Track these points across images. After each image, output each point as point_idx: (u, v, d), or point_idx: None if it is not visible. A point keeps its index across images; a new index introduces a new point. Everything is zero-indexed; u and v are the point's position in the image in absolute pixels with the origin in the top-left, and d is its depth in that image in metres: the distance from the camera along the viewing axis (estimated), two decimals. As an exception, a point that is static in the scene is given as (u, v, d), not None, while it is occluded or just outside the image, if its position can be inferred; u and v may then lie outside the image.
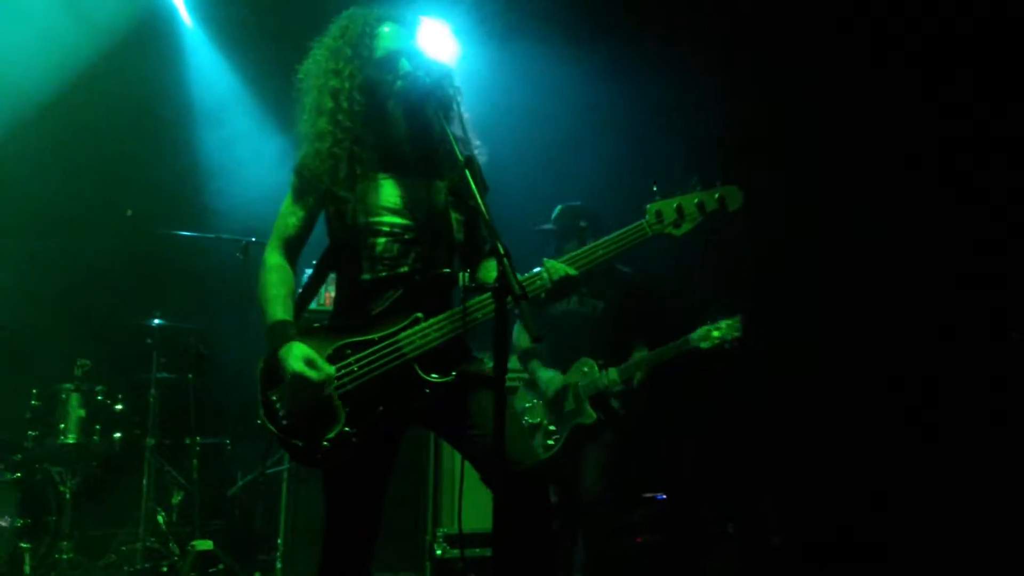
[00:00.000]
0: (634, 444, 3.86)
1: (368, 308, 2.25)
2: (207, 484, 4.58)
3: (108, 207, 4.77)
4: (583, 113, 5.09)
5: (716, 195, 2.30)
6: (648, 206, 2.30)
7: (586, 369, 3.65)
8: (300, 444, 2.19)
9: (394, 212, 2.29)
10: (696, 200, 2.29)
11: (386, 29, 2.30)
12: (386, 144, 2.30)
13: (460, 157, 2.05)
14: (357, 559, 2.32)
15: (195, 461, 4.50)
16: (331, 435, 2.16)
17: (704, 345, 3.49)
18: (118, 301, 4.75)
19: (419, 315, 2.21)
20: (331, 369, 2.18)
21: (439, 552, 4.22)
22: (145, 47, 5.17)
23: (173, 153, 5.26)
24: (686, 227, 2.30)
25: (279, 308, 2.26)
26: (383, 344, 2.20)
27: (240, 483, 4.67)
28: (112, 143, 4.98)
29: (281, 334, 2.21)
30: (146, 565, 4.13)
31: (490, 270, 2.29)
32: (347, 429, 2.16)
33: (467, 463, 2.24)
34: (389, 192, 2.30)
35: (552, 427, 3.67)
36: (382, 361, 2.19)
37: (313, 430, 2.17)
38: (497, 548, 2.11)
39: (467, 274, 2.28)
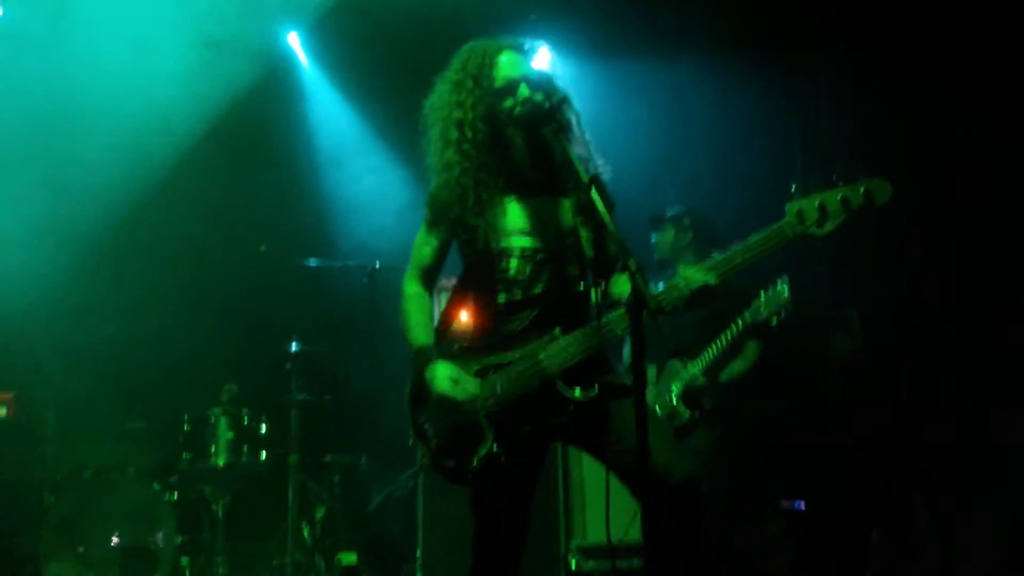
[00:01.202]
0: (750, 450, 3.82)
1: (506, 329, 2.32)
2: (347, 500, 4.80)
3: (243, 243, 5.11)
4: (692, 118, 5.05)
5: (861, 189, 2.11)
6: (788, 206, 2.16)
7: (674, 370, 3.68)
8: (451, 465, 2.29)
9: (524, 234, 2.34)
10: (840, 196, 2.11)
11: (504, 58, 2.36)
12: (511, 169, 2.36)
13: (584, 177, 2.09)
14: (505, 564, 2.37)
15: (336, 477, 4.72)
16: (481, 455, 2.23)
17: (758, 318, 3.44)
18: (258, 330, 5.03)
19: (556, 332, 2.25)
20: (475, 389, 2.25)
21: (573, 564, 4.24)
22: (271, 94, 5.51)
23: (302, 190, 5.56)
24: (829, 226, 2.13)
25: (421, 334, 2.37)
26: (524, 363, 2.25)
27: (378, 499, 4.85)
28: (245, 184, 5.32)
29: (425, 357, 2.32)
30: (296, 577, 4.37)
31: (623, 284, 2.26)
32: (495, 449, 2.23)
33: (611, 474, 2.25)
34: (517, 215, 2.36)
35: None
36: (524, 379, 2.24)
37: (462, 450, 2.26)
38: (649, 561, 2.17)
39: (600, 290, 2.29)
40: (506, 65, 2.35)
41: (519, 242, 2.34)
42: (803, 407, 4.49)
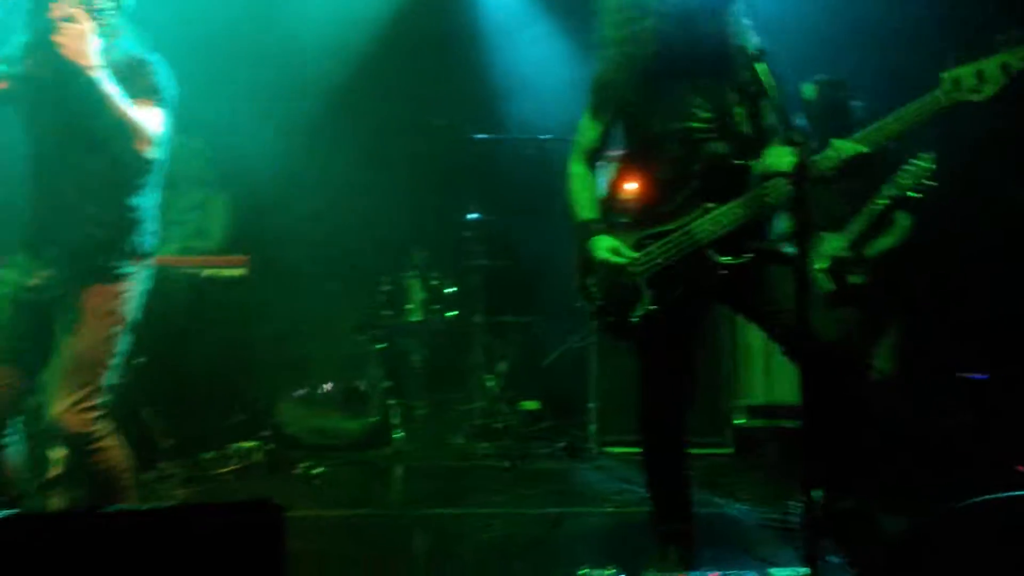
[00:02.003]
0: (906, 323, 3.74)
1: (664, 203, 2.53)
2: (525, 356, 5.26)
3: (426, 121, 5.46)
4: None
5: (1022, 53, 2.11)
6: (942, 75, 2.20)
7: (820, 242, 3.65)
8: (612, 320, 2.61)
9: (684, 115, 2.49)
10: (999, 61, 2.13)
11: None
12: (676, 50, 2.45)
13: (751, 50, 2.17)
14: (673, 426, 2.71)
15: (515, 335, 5.18)
16: (639, 312, 2.54)
17: (900, 191, 3.35)
18: (442, 201, 5.43)
19: (709, 205, 2.45)
20: (632, 256, 2.53)
21: (740, 422, 4.49)
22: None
23: (474, 66, 5.76)
24: (988, 90, 2.15)
25: (586, 209, 2.65)
26: (679, 233, 2.49)
27: (553, 355, 5.28)
28: (424, 65, 5.60)
29: (590, 230, 2.61)
30: (483, 422, 4.92)
31: (779, 155, 2.39)
32: (652, 307, 2.52)
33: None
34: (679, 96, 2.49)
35: None
36: (679, 247, 2.49)
37: (623, 309, 2.56)
38: (807, 420, 2.24)
39: (757, 162, 2.42)
40: None
41: (679, 123, 2.49)
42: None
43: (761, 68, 2.15)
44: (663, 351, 2.64)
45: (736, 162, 2.46)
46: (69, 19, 2.28)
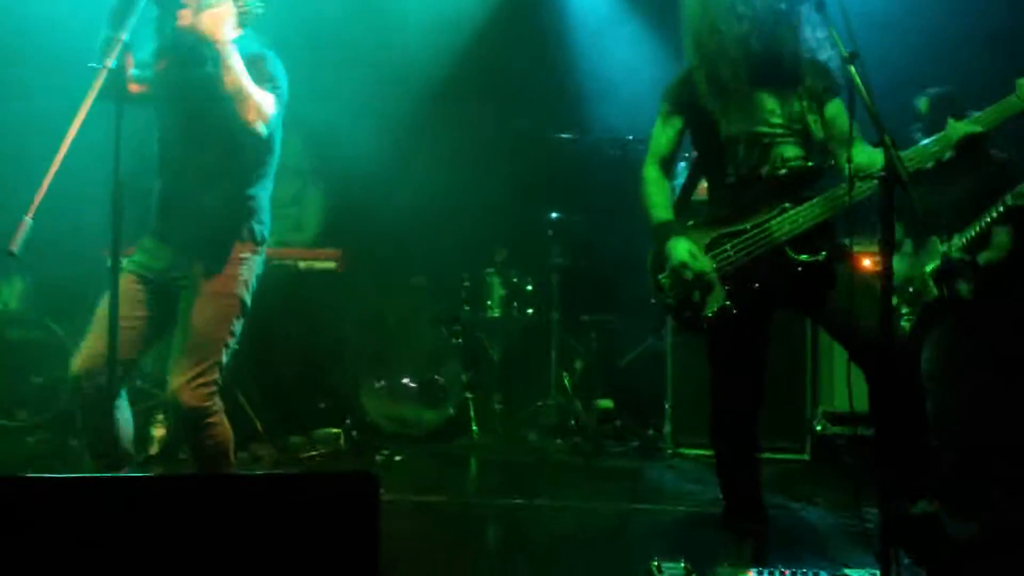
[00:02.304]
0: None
1: (738, 203, 2.62)
2: (601, 355, 5.31)
3: (505, 118, 5.58)
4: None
5: None
6: (1019, 80, 2.36)
7: (933, 246, 3.57)
8: (688, 315, 2.68)
9: (756, 121, 2.59)
10: None
11: None
12: (752, 60, 2.57)
13: (844, 53, 2.19)
14: (745, 426, 2.76)
15: (592, 334, 5.23)
16: (714, 308, 2.61)
17: (1019, 202, 3.24)
18: (524, 199, 5.52)
19: (786, 204, 2.54)
20: (709, 261, 2.61)
21: (819, 428, 4.44)
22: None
23: (561, 68, 5.84)
24: None
25: (661, 211, 2.73)
26: (755, 231, 2.57)
27: (630, 355, 5.31)
28: (512, 63, 5.71)
29: (666, 231, 2.69)
30: (559, 418, 4.99)
31: (862, 154, 2.48)
32: (727, 303, 2.59)
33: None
34: (754, 103, 2.60)
35: (904, 309, 3.67)
36: (755, 245, 2.57)
37: (697, 305, 2.64)
38: (874, 420, 2.44)
39: (846, 164, 2.42)
40: None
41: (750, 127, 2.60)
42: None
43: (853, 69, 2.17)
44: (735, 350, 2.70)
45: (808, 164, 2.56)
46: (212, 4, 2.48)
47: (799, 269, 2.53)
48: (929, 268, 3.58)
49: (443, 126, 5.48)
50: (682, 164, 4.61)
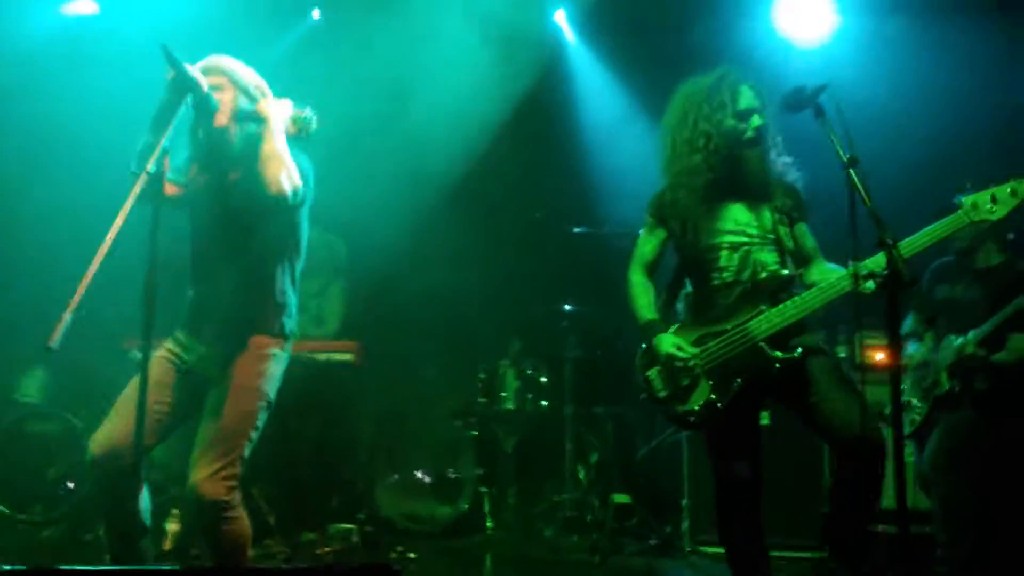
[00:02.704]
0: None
1: (720, 305, 2.84)
2: (617, 448, 5.26)
3: (524, 212, 5.72)
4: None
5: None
6: (962, 199, 2.68)
7: (948, 342, 3.62)
8: (676, 410, 2.85)
9: (734, 232, 2.86)
10: (1008, 189, 2.64)
11: (746, 89, 2.86)
12: (731, 177, 2.85)
13: (843, 158, 2.29)
14: (750, 511, 2.88)
15: (607, 426, 5.21)
16: (700, 403, 2.79)
17: None
18: (538, 291, 5.61)
19: (763, 306, 2.76)
20: (695, 351, 2.81)
21: (837, 524, 4.35)
22: (549, 75, 6.03)
23: (576, 163, 6.02)
24: (1001, 210, 2.64)
25: (648, 312, 2.97)
26: (735, 331, 2.78)
27: (645, 449, 5.26)
28: (527, 158, 5.90)
29: (653, 329, 2.92)
30: (573, 513, 4.92)
31: (826, 273, 2.81)
32: (712, 397, 2.78)
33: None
34: (729, 215, 2.88)
35: (916, 402, 3.72)
36: (736, 344, 2.77)
37: (684, 400, 2.82)
38: (837, 505, 2.71)
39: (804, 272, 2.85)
40: (747, 96, 2.85)
41: (730, 238, 2.86)
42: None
43: (854, 173, 2.26)
44: (728, 441, 2.88)
45: (784, 272, 2.80)
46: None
47: (777, 365, 2.72)
48: (944, 362, 3.61)
49: (459, 220, 5.61)
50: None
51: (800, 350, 2.71)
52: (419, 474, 4.93)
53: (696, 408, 2.79)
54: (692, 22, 5.75)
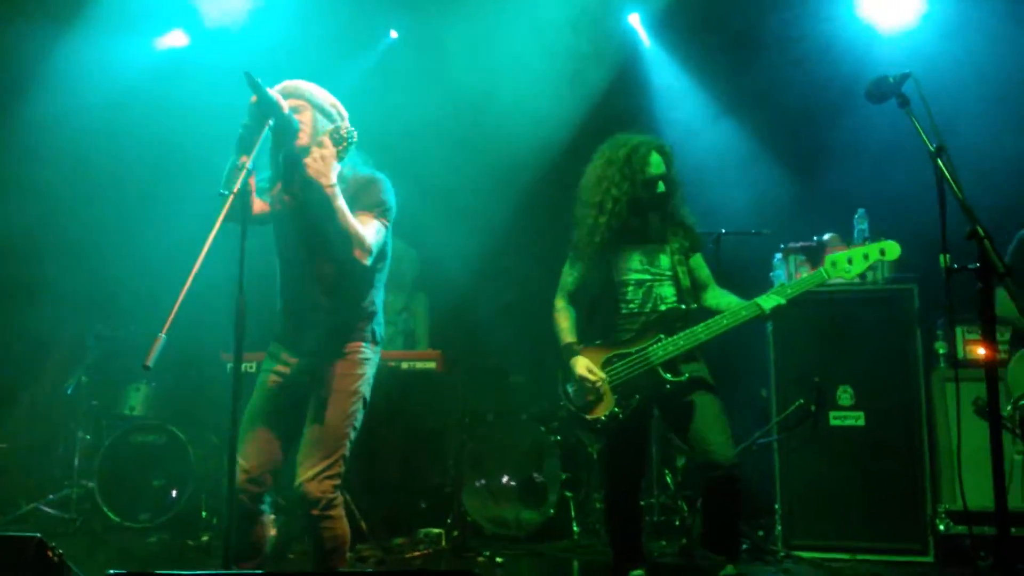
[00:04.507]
0: None
1: (625, 332, 3.40)
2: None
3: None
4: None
5: (877, 248, 3.26)
6: (827, 256, 3.30)
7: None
8: (586, 418, 3.38)
9: (638, 271, 3.45)
10: (862, 252, 3.27)
11: (654, 158, 3.41)
12: (636, 228, 3.45)
13: (931, 147, 2.22)
14: (631, 495, 3.58)
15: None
16: (606, 413, 3.34)
17: None
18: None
19: (661, 336, 3.30)
20: (602, 375, 3.35)
21: (942, 528, 4.18)
22: (622, 79, 6.03)
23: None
24: (856, 270, 3.29)
25: (567, 335, 3.50)
26: (637, 355, 3.33)
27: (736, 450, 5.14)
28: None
29: (570, 351, 3.44)
30: (661, 518, 4.86)
31: (719, 297, 3.46)
32: (615, 410, 3.33)
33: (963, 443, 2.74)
34: (635, 257, 3.47)
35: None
36: (637, 366, 3.33)
37: (594, 410, 3.36)
38: (705, 514, 3.43)
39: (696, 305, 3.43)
40: (655, 164, 3.41)
41: (634, 275, 3.45)
42: None
43: (942, 164, 2.19)
44: (621, 444, 3.50)
45: (682, 307, 3.37)
46: (319, 144, 2.70)
47: (667, 387, 3.29)
48: (1005, 412, 3.45)
49: (538, 224, 5.65)
50: (777, 255, 4.62)
51: (687, 375, 3.28)
52: (505, 479, 4.96)
53: (602, 418, 3.33)
54: (770, 14, 5.63)
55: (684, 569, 4.19)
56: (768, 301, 3.22)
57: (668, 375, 3.28)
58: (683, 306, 3.37)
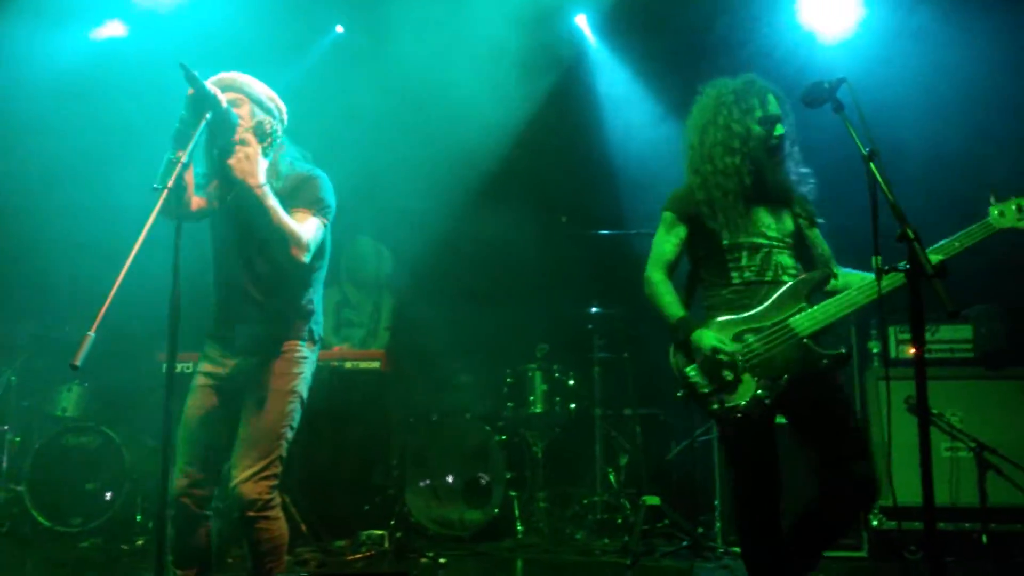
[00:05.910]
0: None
1: (746, 304, 2.83)
2: (647, 450, 5.24)
3: (545, 216, 5.73)
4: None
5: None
6: (990, 208, 2.75)
7: None
8: (717, 407, 2.76)
9: (756, 234, 2.88)
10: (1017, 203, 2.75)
11: (772, 97, 2.91)
12: (754, 180, 2.88)
13: (864, 151, 2.27)
14: (770, 509, 2.83)
15: (636, 428, 5.18)
16: (748, 397, 2.73)
17: None
18: (564, 295, 5.61)
19: (804, 304, 2.77)
20: (737, 346, 2.76)
21: (875, 523, 4.29)
22: (569, 79, 6.04)
23: (599, 165, 6.02)
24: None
25: (677, 309, 2.87)
26: (776, 328, 2.77)
27: (675, 449, 5.23)
28: (551, 162, 5.92)
29: (688, 325, 2.83)
30: (604, 516, 4.90)
31: (846, 275, 2.86)
32: (760, 393, 2.73)
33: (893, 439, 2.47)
34: (749, 217, 2.89)
35: None
36: (778, 340, 2.76)
37: (731, 395, 2.75)
38: (815, 522, 2.78)
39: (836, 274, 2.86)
40: (773, 104, 2.90)
41: (751, 239, 2.88)
42: None
43: (874, 166, 2.25)
44: (760, 447, 2.83)
45: (815, 273, 2.85)
46: (242, 142, 2.64)
47: (824, 361, 2.74)
48: None
49: (483, 225, 5.64)
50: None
51: (844, 348, 2.77)
52: (449, 479, 4.94)
53: (743, 403, 2.73)
54: (714, 19, 5.72)
55: (625, 568, 4.22)
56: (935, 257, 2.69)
57: (822, 348, 2.76)
58: (828, 272, 2.85)
